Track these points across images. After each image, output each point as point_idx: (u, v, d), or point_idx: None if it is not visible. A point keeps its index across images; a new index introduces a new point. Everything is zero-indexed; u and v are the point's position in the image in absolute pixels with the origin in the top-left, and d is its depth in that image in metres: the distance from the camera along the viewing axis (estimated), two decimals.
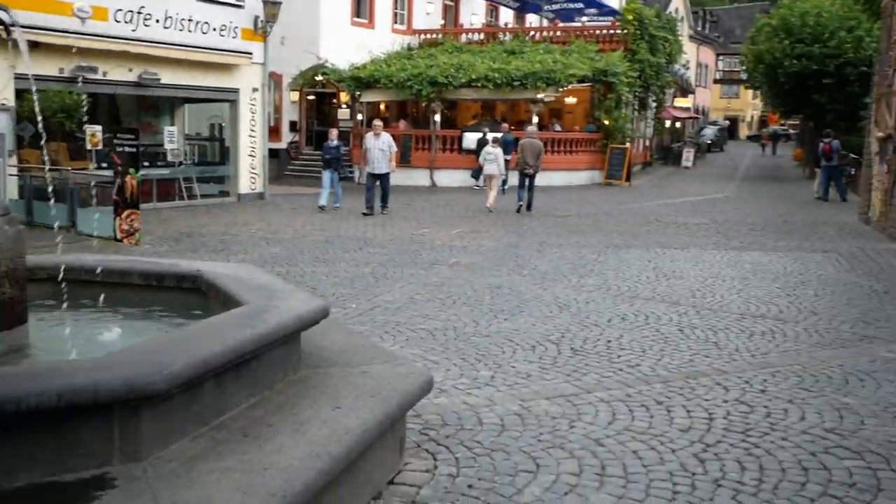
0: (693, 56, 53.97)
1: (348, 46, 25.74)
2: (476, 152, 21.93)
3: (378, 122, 17.55)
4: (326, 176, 17.39)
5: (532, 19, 36.39)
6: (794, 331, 7.37)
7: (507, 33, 30.05)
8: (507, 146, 20.23)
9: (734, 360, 6.40)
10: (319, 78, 26.32)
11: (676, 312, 8.02)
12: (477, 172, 22.14)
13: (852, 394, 5.58)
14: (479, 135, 22.96)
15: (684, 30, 47.05)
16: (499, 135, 20.93)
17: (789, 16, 28.92)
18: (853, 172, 22.42)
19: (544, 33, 29.75)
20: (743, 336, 7.13)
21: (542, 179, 18.81)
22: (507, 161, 18.99)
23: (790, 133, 57.04)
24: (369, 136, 16.83)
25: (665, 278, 9.90)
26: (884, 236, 14.16)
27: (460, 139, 24.75)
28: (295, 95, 26.83)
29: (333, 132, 18.23)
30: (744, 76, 41.72)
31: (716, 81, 71.21)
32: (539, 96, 23.84)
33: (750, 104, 73.55)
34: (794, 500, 3.92)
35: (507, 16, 35.65)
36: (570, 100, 26.81)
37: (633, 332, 7.18)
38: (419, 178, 24.45)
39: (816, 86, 28.06)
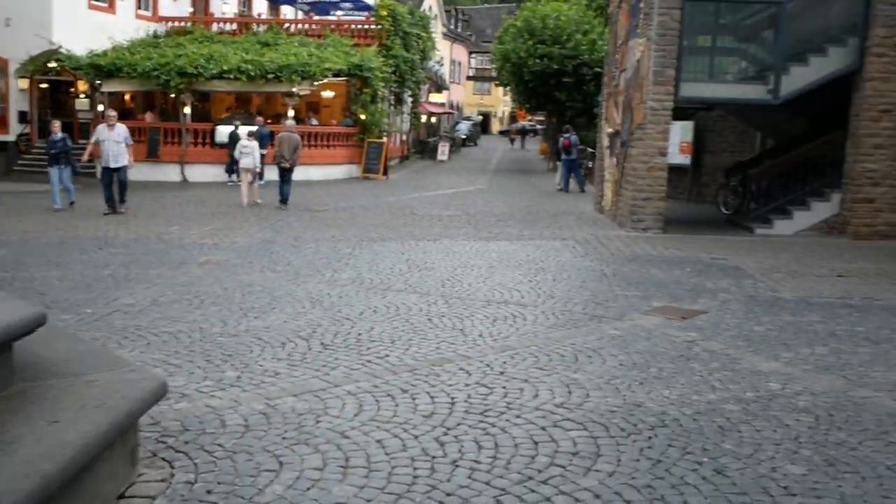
0: (447, 53, 55.99)
1: (86, 32, 23.89)
2: (229, 146, 21.26)
3: (112, 113, 16.30)
4: (54, 173, 15.97)
5: (287, 11, 35.91)
6: (534, 314, 7.86)
7: (261, 24, 29.41)
8: (263, 140, 19.85)
9: (478, 345, 6.70)
10: (53, 65, 24.25)
11: (426, 302, 8.26)
12: (230, 167, 21.50)
13: (581, 370, 6.03)
14: (232, 128, 22.27)
15: (438, 27, 48.60)
16: (254, 128, 20.49)
17: (532, 18, 30.88)
18: (590, 165, 24.34)
19: (299, 26, 29.47)
20: (487, 322, 7.49)
21: (299, 174, 18.63)
22: (262, 155, 18.62)
23: (537, 128, 60.88)
24: (102, 128, 15.62)
25: (417, 270, 10.17)
26: (615, 224, 15.50)
27: (213, 132, 23.86)
28: (24, 83, 24.46)
29: (56, 124, 16.61)
30: (494, 74, 43.82)
31: (469, 78, 74.40)
32: (294, 90, 23.57)
33: (501, 100, 77.52)
34: (523, 473, 4.16)
35: (260, 6, 34.90)
36: (327, 94, 26.80)
37: (384, 324, 7.29)
38: (169, 173, 23.29)
39: (557, 84, 30.22)
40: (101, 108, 23.69)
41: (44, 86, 25.55)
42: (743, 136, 19.99)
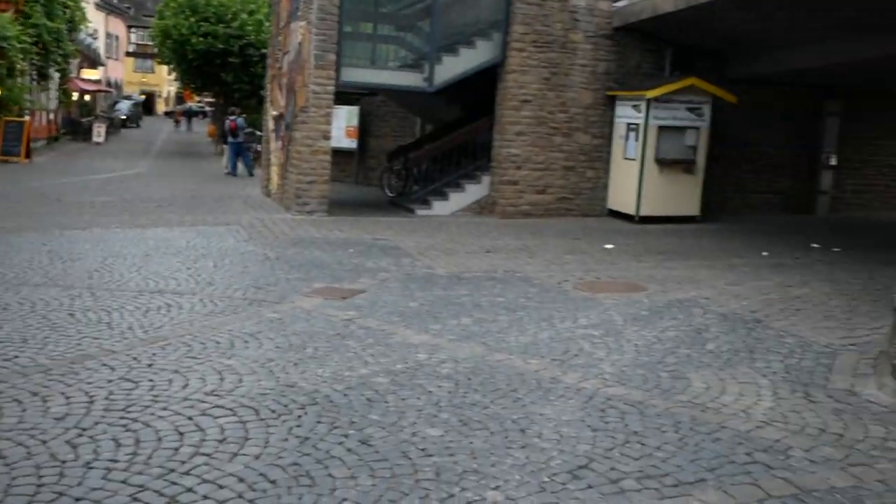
0: (102, 26, 51.77)
1: None
2: None
3: None
4: None
5: None
6: (191, 302, 7.55)
7: None
8: None
9: (126, 338, 6.28)
10: None
11: (69, 296, 7.57)
12: None
13: (236, 355, 5.91)
14: None
15: None
16: None
17: None
18: (259, 148, 24.00)
19: None
20: (138, 313, 7.05)
21: None
22: None
23: (206, 110, 58.70)
24: None
25: (61, 261, 9.28)
26: (281, 207, 15.43)
27: None
28: None
29: None
30: (157, 51, 41.45)
31: (129, 54, 69.55)
32: None
33: (166, 80, 73.37)
34: (165, 466, 3.98)
35: None
36: None
37: (16, 322, 6.55)
38: None
39: (224, 65, 29.32)
40: None
41: None
42: (405, 121, 20.95)
